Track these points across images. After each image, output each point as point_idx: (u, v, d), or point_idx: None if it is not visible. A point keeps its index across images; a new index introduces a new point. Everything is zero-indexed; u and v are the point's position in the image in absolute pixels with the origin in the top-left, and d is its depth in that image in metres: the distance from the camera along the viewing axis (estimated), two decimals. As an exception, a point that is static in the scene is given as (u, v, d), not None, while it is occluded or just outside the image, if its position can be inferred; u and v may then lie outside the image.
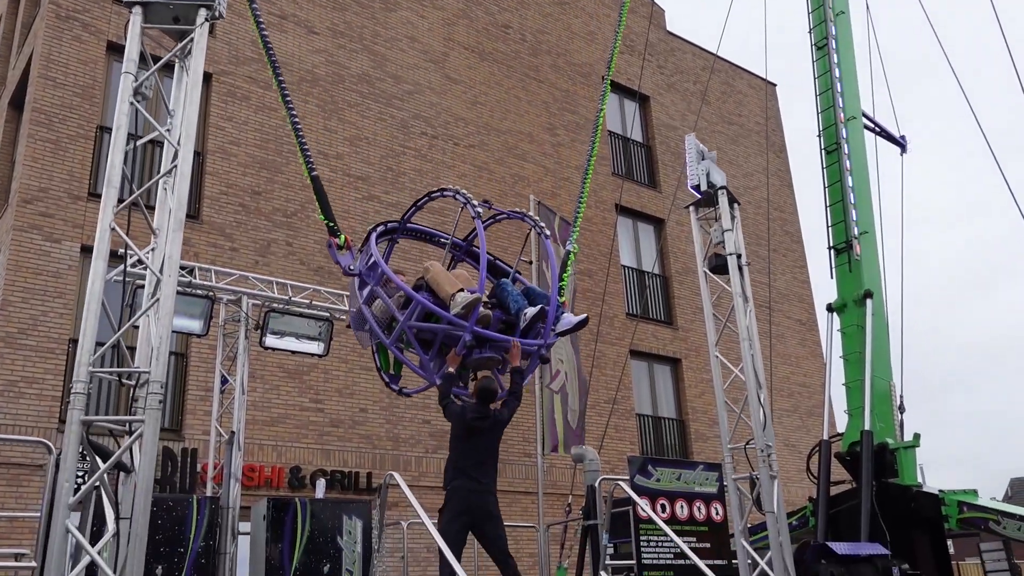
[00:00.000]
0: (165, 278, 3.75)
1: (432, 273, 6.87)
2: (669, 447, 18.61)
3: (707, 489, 7.75)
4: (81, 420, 3.53)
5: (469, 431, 6.42)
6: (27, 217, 12.24)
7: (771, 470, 6.25)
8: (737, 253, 6.48)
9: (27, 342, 11.73)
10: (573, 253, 8.07)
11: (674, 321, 20.01)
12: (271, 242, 14.35)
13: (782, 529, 6.17)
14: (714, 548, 7.65)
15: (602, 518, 7.00)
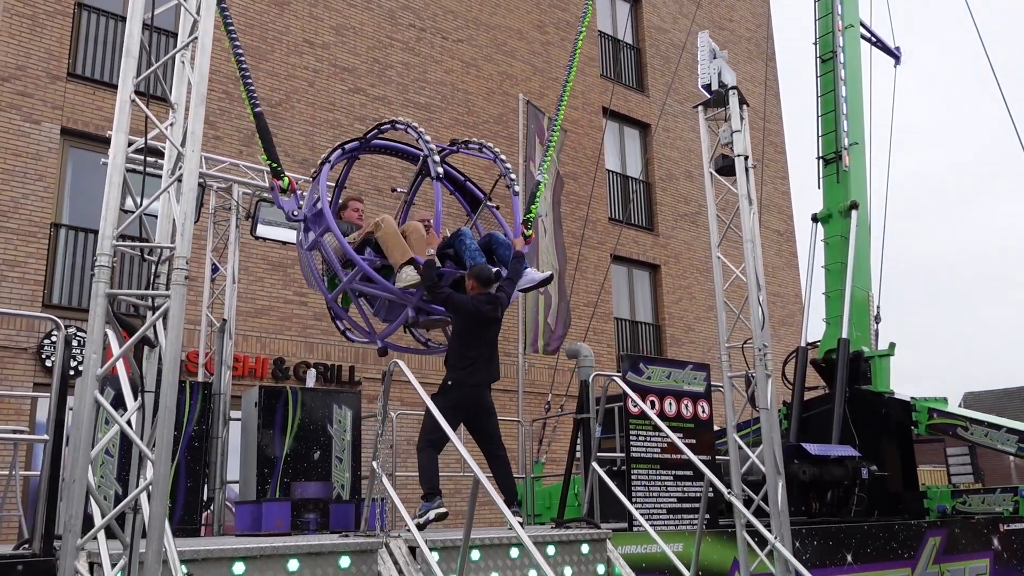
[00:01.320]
0: (188, 153, 3.68)
1: (382, 232, 6.65)
2: (645, 351, 18.95)
3: (695, 388, 7.94)
4: (107, 293, 3.51)
5: (482, 321, 6.34)
6: (4, 96, 11.86)
7: (767, 369, 6.42)
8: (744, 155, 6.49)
9: (8, 225, 11.53)
10: (542, 184, 7.90)
11: (655, 228, 20.09)
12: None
13: (774, 425, 6.37)
14: (699, 444, 7.87)
15: (594, 412, 7.15)
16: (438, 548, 5.66)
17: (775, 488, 6.16)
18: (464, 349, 6.34)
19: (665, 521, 7.52)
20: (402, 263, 6.49)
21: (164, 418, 3.41)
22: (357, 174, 13.93)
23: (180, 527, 8.02)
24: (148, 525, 3.33)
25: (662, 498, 7.58)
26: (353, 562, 5.37)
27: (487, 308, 6.41)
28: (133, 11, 3.79)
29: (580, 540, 6.41)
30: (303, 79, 14.89)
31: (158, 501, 3.33)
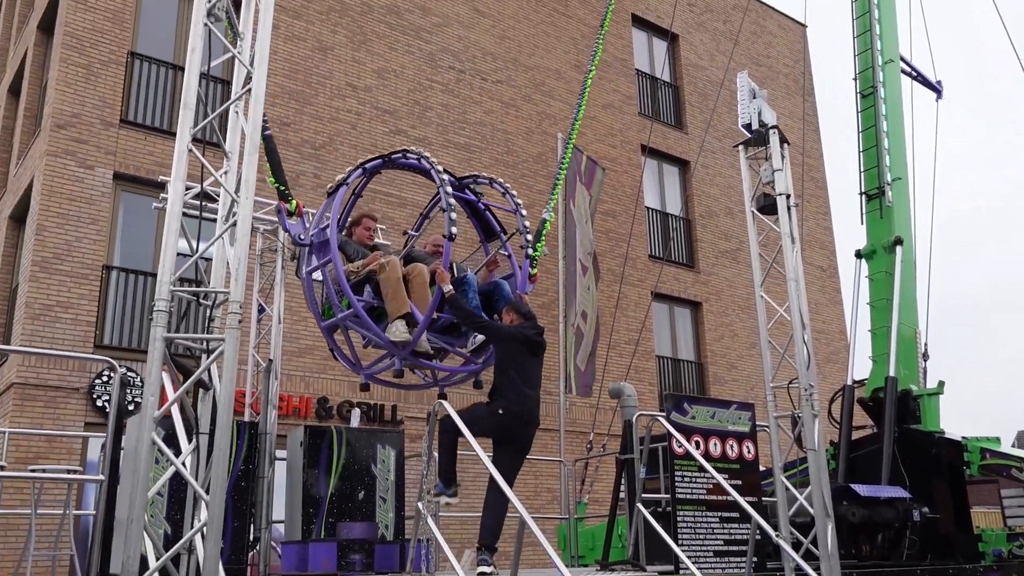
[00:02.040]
0: (242, 200, 3.80)
1: (384, 276, 6.59)
2: (687, 389, 18.79)
3: (740, 428, 7.87)
4: (164, 337, 3.61)
5: (529, 346, 6.22)
6: (60, 143, 12.26)
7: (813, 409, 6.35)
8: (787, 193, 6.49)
9: (62, 267, 11.86)
10: (548, 222, 7.86)
11: (696, 264, 20.02)
12: (300, 174, 14.35)
13: (821, 466, 6.29)
14: (745, 485, 7.78)
15: (639, 452, 7.12)
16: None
17: (824, 530, 6.07)
18: (514, 375, 6.14)
19: (712, 564, 7.43)
20: (396, 316, 6.40)
21: (218, 459, 3.48)
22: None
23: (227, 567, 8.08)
24: (203, 566, 3.39)
25: (708, 540, 7.49)
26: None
27: (532, 333, 6.30)
28: (191, 65, 3.94)
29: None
30: (346, 122, 15.19)
31: (212, 542, 3.40)
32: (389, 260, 6.69)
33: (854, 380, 12.71)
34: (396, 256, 7.06)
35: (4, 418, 11.44)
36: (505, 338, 6.26)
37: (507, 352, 6.26)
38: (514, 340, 6.23)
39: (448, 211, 6.28)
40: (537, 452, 15.20)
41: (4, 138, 16.36)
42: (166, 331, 3.61)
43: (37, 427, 11.02)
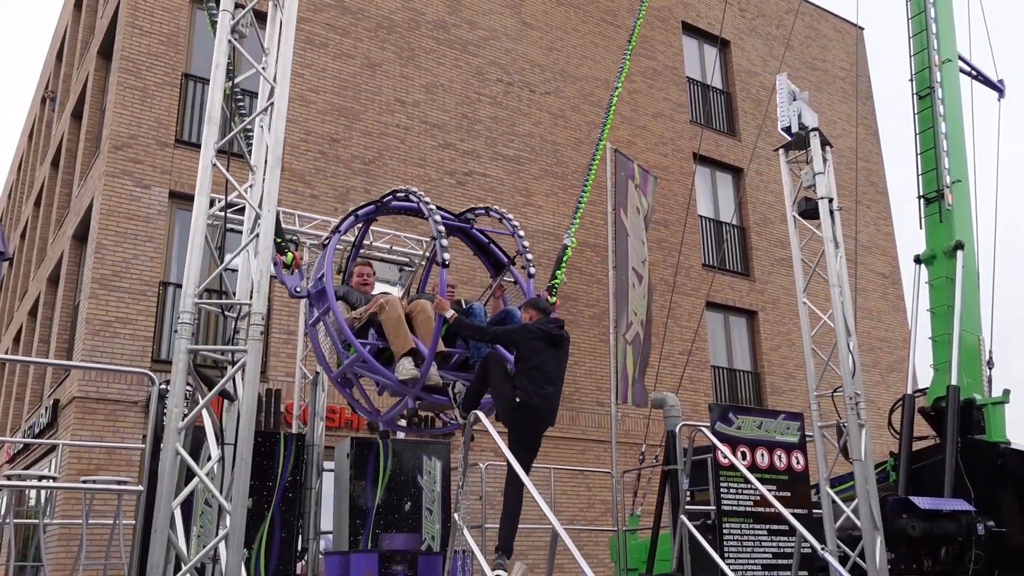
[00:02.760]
0: (264, 213, 3.85)
1: (385, 316, 6.60)
2: (744, 400, 18.47)
3: (788, 439, 7.68)
4: (188, 349, 3.67)
5: (549, 341, 6.18)
6: (117, 163, 12.63)
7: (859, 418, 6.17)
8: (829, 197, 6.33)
9: (120, 284, 12.19)
10: (569, 248, 7.75)
11: (751, 273, 19.70)
12: (350, 189, 14.54)
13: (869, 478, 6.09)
14: (794, 497, 7.58)
15: (682, 463, 6.99)
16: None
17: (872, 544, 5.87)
18: (534, 372, 6.09)
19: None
20: (402, 353, 6.39)
21: (240, 469, 3.51)
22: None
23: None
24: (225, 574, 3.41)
25: (756, 553, 7.32)
26: (434, 615, 5.37)
27: (551, 327, 6.25)
28: (215, 81, 4.02)
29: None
30: (395, 136, 15.35)
31: (234, 550, 3.42)
32: (388, 300, 6.72)
33: (915, 389, 12.32)
34: (397, 296, 7.07)
35: (66, 431, 11.79)
36: (522, 337, 6.21)
37: (526, 350, 6.20)
38: (531, 336, 6.19)
39: (439, 239, 6.29)
40: (589, 463, 15.12)
41: (68, 160, 16.94)
42: (190, 343, 3.67)
43: (97, 439, 11.32)
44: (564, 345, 6.41)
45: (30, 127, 24.82)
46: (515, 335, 6.25)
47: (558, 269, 7.39)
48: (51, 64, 22.37)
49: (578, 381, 16.15)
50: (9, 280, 23.41)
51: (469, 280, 13.91)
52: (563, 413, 15.54)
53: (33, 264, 19.31)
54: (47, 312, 16.42)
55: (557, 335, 6.28)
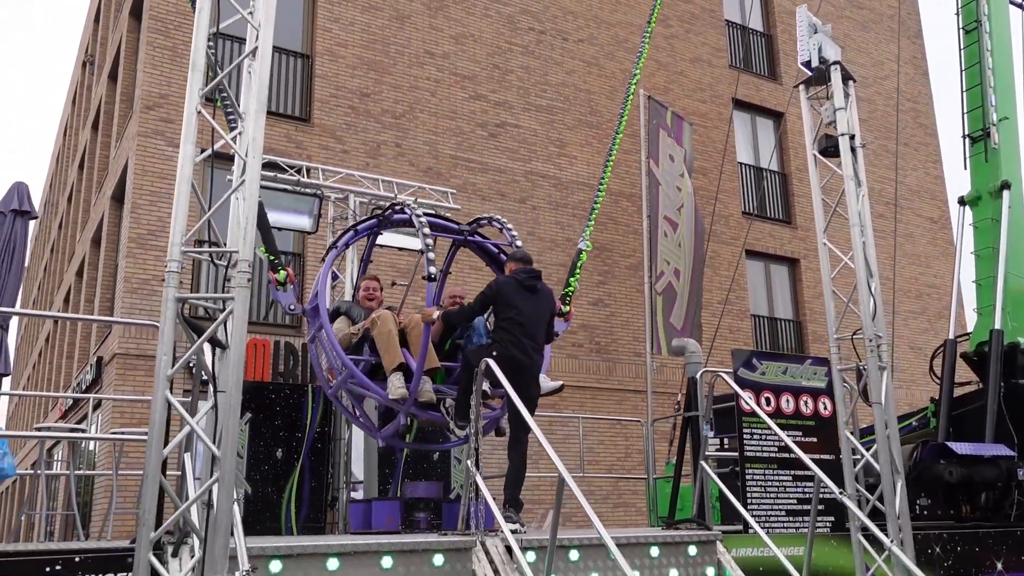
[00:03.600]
0: (250, 160, 3.81)
1: (377, 331, 6.64)
2: (785, 348, 18.20)
3: (815, 384, 7.53)
4: (176, 297, 3.67)
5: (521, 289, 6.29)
6: (149, 123, 12.74)
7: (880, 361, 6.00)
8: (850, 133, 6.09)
9: (156, 243, 12.36)
10: (584, 252, 7.61)
11: (793, 220, 19.28)
12: (380, 144, 14.49)
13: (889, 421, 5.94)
14: (821, 443, 7.45)
15: (703, 410, 6.91)
16: (534, 547, 5.61)
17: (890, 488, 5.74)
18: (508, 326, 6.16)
19: (784, 524, 7.17)
20: (392, 369, 6.43)
21: (228, 416, 3.52)
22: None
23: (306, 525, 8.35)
24: (216, 519, 3.45)
25: (780, 499, 7.23)
26: (447, 560, 5.39)
27: (523, 276, 6.35)
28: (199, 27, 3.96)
29: (687, 542, 6.20)
30: (425, 89, 15.22)
31: (224, 496, 3.45)
32: (380, 315, 6.76)
33: (958, 334, 12.00)
34: (391, 312, 7.07)
35: (109, 386, 12.09)
36: (497, 289, 6.32)
37: (502, 302, 6.28)
38: (506, 287, 6.30)
39: (426, 252, 6.33)
40: (627, 414, 15.08)
41: (106, 122, 17.17)
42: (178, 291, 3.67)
43: (139, 395, 11.57)
44: (541, 294, 6.46)
45: (73, 92, 25.20)
46: (491, 290, 6.35)
47: (572, 276, 7.32)
48: (89, 28, 22.61)
49: (615, 332, 16.06)
50: (58, 242, 23.98)
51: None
52: (600, 364, 15.61)
53: (79, 226, 19.73)
54: (92, 272, 16.79)
55: (531, 283, 6.37)
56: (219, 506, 3.43)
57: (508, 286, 6.34)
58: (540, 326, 6.38)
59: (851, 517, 5.88)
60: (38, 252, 31.39)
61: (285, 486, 8.30)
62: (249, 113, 3.84)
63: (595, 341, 15.77)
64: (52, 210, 28.49)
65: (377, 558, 5.18)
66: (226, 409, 3.49)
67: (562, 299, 7.19)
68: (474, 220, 7.63)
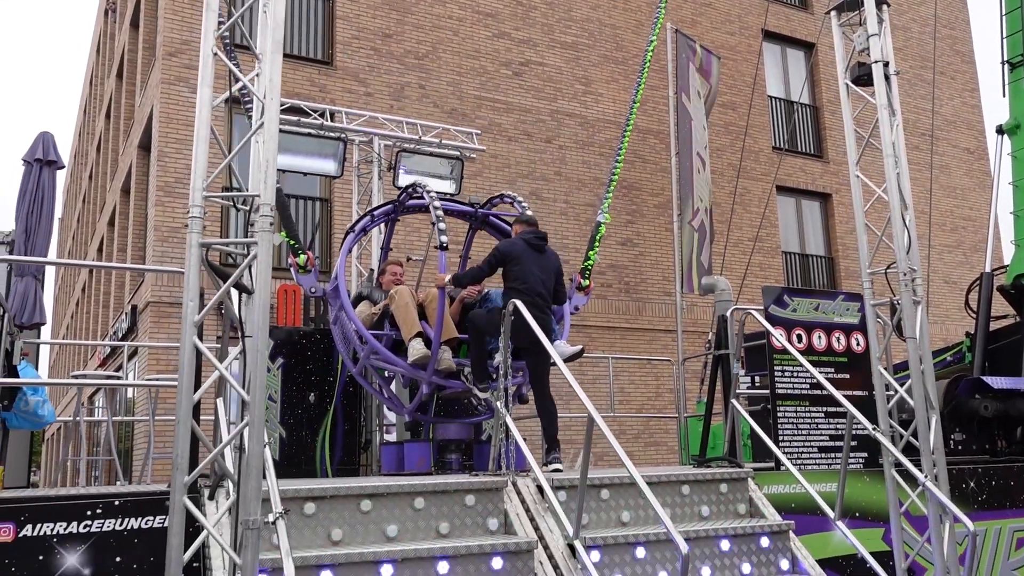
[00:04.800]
0: (268, 102, 3.74)
1: (395, 305, 6.72)
2: (818, 285, 18.00)
3: (847, 320, 7.41)
4: (200, 243, 3.64)
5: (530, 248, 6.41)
6: (173, 70, 12.66)
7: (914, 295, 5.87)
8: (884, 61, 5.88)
9: (184, 191, 12.37)
10: (603, 224, 7.51)
11: (825, 154, 18.90)
12: (404, 85, 14.32)
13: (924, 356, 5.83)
14: (854, 379, 7.36)
15: (734, 348, 6.84)
16: (565, 487, 5.62)
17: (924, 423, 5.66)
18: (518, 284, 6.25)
19: (817, 460, 7.14)
20: (410, 337, 6.51)
21: (256, 360, 3.52)
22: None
23: (340, 467, 8.44)
24: (247, 462, 3.47)
25: (812, 436, 7.18)
26: (479, 500, 5.41)
27: (530, 235, 6.47)
28: (211, -35, 3.87)
29: (718, 480, 6.16)
30: (447, 28, 14.96)
31: (255, 440, 3.46)
32: (398, 289, 6.87)
33: (995, 267, 11.75)
34: (408, 287, 7.17)
35: (145, 334, 12.25)
36: (505, 250, 6.43)
37: (511, 262, 6.39)
38: (513, 248, 6.42)
39: (437, 223, 6.46)
40: (657, 354, 15.06)
41: (130, 71, 17.11)
42: (201, 237, 3.64)
43: (174, 342, 11.72)
44: (548, 254, 6.58)
45: (97, 40, 25.13)
46: (499, 251, 6.44)
47: (591, 249, 7.30)
48: (110, -25, 22.41)
49: (644, 271, 15.95)
50: (90, 193, 24.16)
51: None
52: (630, 304, 15.54)
53: (108, 176, 19.83)
54: (123, 222, 16.91)
55: (537, 243, 6.50)
56: (250, 450, 3.45)
57: (516, 247, 6.45)
58: (548, 284, 6.50)
59: (884, 453, 5.83)
60: (71, 203, 31.71)
61: (319, 430, 8.37)
62: (266, 53, 3.76)
63: (624, 281, 15.69)
64: (82, 161, 28.68)
65: (409, 499, 5.21)
66: (254, 354, 3.48)
67: (581, 272, 7.25)
68: (487, 201, 7.76)
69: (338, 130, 9.60)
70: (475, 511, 5.39)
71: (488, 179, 14.50)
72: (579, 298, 7.27)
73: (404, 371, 6.73)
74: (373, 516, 5.05)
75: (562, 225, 15.16)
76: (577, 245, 14.75)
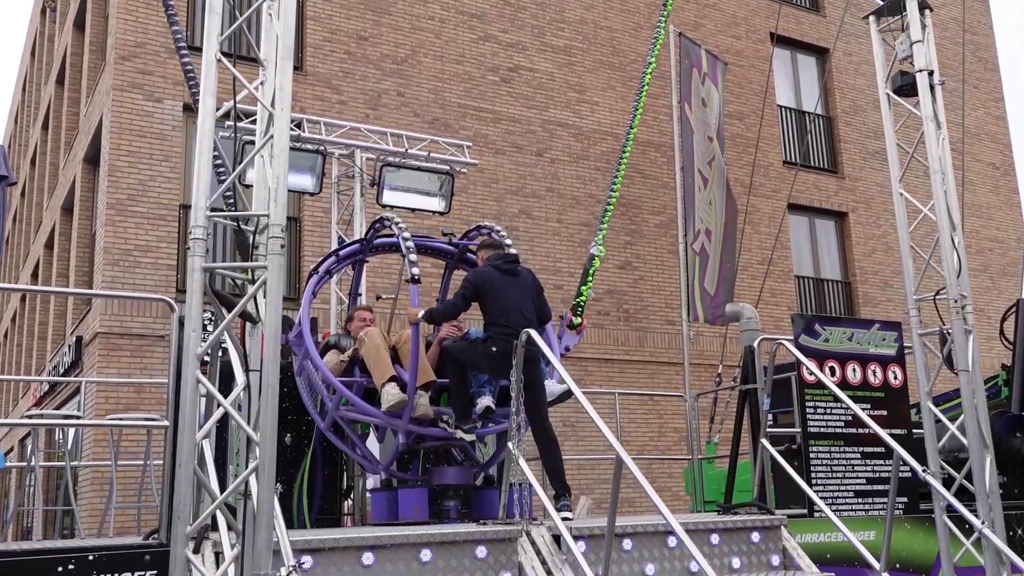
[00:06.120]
0: (278, 112, 3.78)
1: (365, 349, 6.73)
2: (833, 313, 18.21)
3: (884, 351, 7.53)
4: (203, 267, 3.67)
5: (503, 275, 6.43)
6: (126, 75, 12.67)
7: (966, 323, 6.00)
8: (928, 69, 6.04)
9: (137, 209, 12.35)
10: (598, 258, 7.61)
11: (839, 169, 19.21)
12: (381, 92, 14.41)
13: (977, 390, 5.95)
14: (891, 416, 7.47)
15: (762, 381, 6.92)
16: (585, 536, 5.65)
17: (980, 464, 5.76)
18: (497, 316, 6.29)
19: (852, 505, 7.23)
20: (383, 382, 6.50)
21: (268, 396, 3.54)
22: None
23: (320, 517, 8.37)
24: (256, 510, 3.47)
25: (848, 479, 7.28)
26: (491, 552, 5.43)
27: (499, 261, 6.50)
28: (214, -36, 3.92)
29: (749, 527, 6.23)
30: (429, 31, 15.10)
31: (265, 485, 3.47)
32: (367, 331, 6.87)
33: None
34: (377, 329, 7.16)
35: (92, 369, 12.15)
36: (477, 280, 6.44)
37: (485, 293, 6.40)
38: (484, 277, 6.43)
39: (407, 254, 6.50)
40: (659, 388, 15.14)
41: (73, 76, 17.08)
42: (204, 261, 3.67)
43: (125, 377, 11.65)
44: (522, 275, 6.61)
45: (32, 42, 25.04)
46: (470, 283, 6.45)
47: (584, 284, 7.37)
48: (48, -31, 22.39)
49: (645, 298, 16.06)
50: (22, 211, 23.96)
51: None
52: (629, 334, 15.65)
53: (46, 192, 19.71)
54: (63, 244, 16.80)
55: (508, 267, 6.52)
56: (260, 497, 3.46)
57: (488, 276, 6.46)
58: (530, 309, 6.51)
59: (935, 497, 5.92)
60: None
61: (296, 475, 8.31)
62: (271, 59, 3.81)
63: (623, 308, 15.79)
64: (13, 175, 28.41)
65: (415, 551, 5.21)
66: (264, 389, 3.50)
67: (573, 309, 7.30)
68: (464, 234, 7.72)
69: (316, 141, 9.66)
70: (487, 564, 5.40)
71: (473, 196, 14.59)
72: (570, 338, 7.33)
73: (378, 420, 6.73)
74: (376, 571, 5.05)
75: (555, 247, 15.26)
76: (572, 269, 14.85)
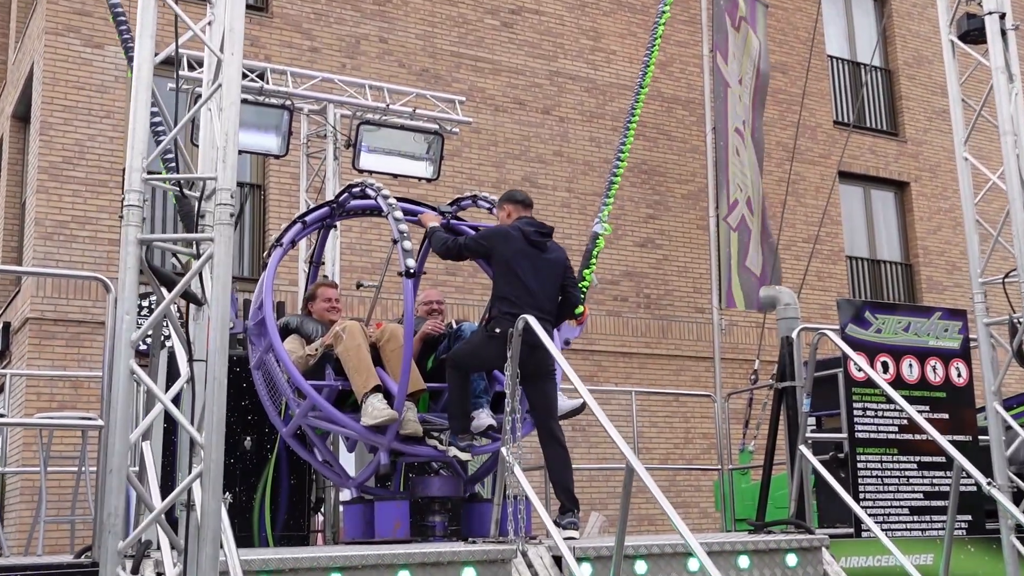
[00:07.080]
0: (227, 57, 3.77)
1: (342, 348, 6.59)
2: (891, 298, 18.21)
3: (946, 344, 7.52)
4: (139, 239, 3.67)
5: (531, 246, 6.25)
6: (60, 17, 12.65)
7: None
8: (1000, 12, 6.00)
9: (74, 174, 12.35)
10: (602, 237, 7.56)
11: (901, 131, 19.17)
12: (360, 38, 14.38)
13: (1053, 390, 5.94)
14: (953, 420, 7.47)
15: (801, 379, 6.92)
16: (591, 558, 5.67)
17: (1055, 476, 5.77)
18: (509, 290, 6.17)
19: (907, 524, 7.24)
20: (366, 392, 6.39)
21: (214, 391, 3.54)
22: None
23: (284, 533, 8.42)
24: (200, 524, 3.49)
25: (902, 493, 7.28)
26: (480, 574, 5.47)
27: (530, 230, 6.26)
28: None
29: (784, 549, 6.27)
30: (417, -35, 15.06)
31: (210, 494, 3.48)
32: (345, 326, 6.70)
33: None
34: (359, 324, 6.99)
35: (21, 361, 12.19)
36: (495, 241, 6.27)
37: (501, 260, 6.26)
38: (508, 239, 6.23)
39: (401, 240, 6.32)
40: (683, 385, 15.15)
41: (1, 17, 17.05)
42: (141, 231, 3.67)
43: (59, 369, 11.67)
44: (552, 254, 6.41)
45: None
46: (487, 239, 6.31)
47: (586, 267, 7.31)
48: None
49: (670, 281, 16.05)
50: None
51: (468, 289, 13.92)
52: (651, 323, 15.65)
53: (-33, 154, 19.74)
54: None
55: (539, 239, 6.30)
56: (205, 508, 3.47)
57: (508, 237, 6.27)
58: (551, 294, 6.38)
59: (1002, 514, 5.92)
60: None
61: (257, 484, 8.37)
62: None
63: (644, 294, 15.78)
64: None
65: (391, 573, 5.24)
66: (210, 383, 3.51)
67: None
68: (455, 200, 7.53)
69: (282, 95, 9.65)
70: (476, 589, 5.43)
71: (468, 160, 14.58)
72: (570, 329, 7.24)
73: (358, 435, 6.70)
74: (346, 596, 5.08)
75: (564, 220, 15.23)
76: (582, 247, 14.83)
